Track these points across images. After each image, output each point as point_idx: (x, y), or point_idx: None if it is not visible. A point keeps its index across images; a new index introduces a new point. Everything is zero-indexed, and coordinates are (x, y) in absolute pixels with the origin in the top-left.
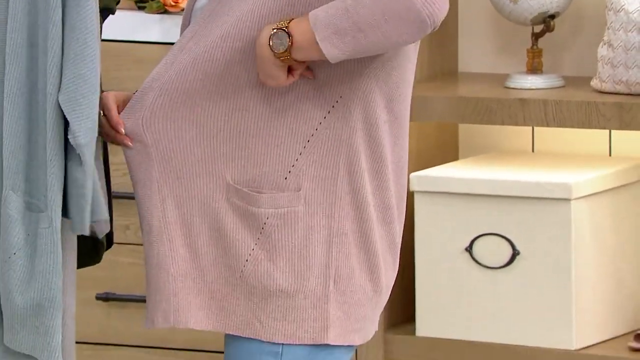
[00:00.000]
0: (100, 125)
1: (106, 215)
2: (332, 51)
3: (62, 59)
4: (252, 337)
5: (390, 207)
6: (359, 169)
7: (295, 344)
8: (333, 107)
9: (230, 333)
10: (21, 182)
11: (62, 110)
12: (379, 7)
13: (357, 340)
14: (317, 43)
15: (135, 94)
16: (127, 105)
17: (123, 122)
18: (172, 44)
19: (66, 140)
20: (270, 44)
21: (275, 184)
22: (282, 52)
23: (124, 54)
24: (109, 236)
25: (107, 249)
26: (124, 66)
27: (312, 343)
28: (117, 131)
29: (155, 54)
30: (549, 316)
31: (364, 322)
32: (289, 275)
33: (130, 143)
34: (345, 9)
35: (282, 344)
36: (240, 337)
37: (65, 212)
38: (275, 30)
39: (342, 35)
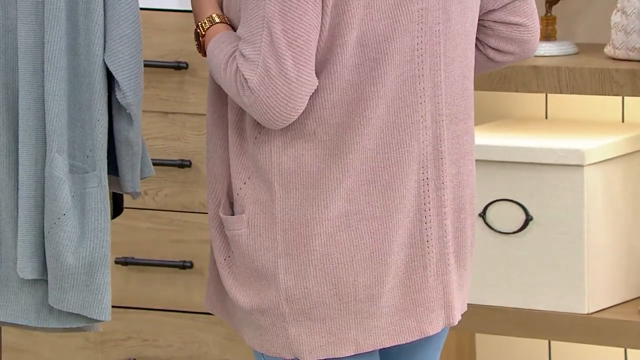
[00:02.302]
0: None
1: (153, 172)
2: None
3: (104, 20)
4: (240, 333)
5: (348, 214)
6: (293, 186)
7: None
8: (255, 138)
9: (219, 317)
10: (64, 144)
11: (107, 71)
12: (225, 87)
13: (346, 352)
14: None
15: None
16: None
17: None
18: (191, 11)
19: (109, 102)
20: (194, 36)
21: (226, 205)
22: (198, 48)
23: (144, 21)
24: (119, 204)
25: (116, 216)
26: (144, 33)
27: (281, 357)
28: None
29: (175, 22)
30: (562, 281)
31: (344, 333)
32: (244, 295)
33: None
34: (217, 65)
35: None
36: None
37: (109, 171)
38: (198, 28)
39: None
